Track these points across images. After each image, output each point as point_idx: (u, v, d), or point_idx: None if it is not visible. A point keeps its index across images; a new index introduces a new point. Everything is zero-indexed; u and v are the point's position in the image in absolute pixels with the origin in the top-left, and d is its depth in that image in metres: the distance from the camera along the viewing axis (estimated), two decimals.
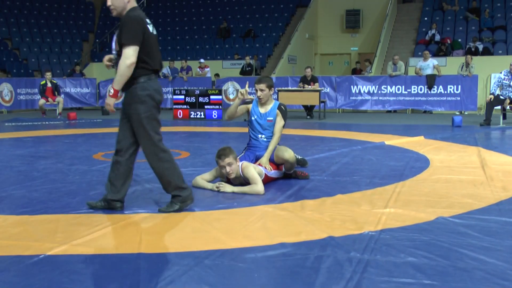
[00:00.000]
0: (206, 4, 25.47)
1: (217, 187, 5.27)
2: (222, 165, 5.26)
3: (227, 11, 24.78)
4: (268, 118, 5.87)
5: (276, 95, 14.93)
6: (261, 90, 5.82)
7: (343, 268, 3.11)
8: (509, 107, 12.20)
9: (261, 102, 5.91)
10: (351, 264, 3.18)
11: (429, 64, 16.20)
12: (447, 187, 5.41)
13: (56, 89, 15.92)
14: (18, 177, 6.12)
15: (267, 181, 5.55)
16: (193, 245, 3.56)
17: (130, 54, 4.10)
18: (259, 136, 5.92)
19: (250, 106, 5.99)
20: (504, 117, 12.45)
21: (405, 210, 4.45)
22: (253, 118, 5.93)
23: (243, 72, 19.09)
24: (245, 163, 5.39)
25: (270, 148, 5.74)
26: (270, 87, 5.86)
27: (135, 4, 4.31)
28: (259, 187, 5.15)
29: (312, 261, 3.24)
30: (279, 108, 5.89)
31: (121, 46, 4.17)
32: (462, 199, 4.84)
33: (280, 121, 5.87)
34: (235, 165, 5.27)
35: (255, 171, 5.28)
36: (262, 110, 5.92)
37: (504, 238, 3.67)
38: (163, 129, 4.64)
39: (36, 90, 17.59)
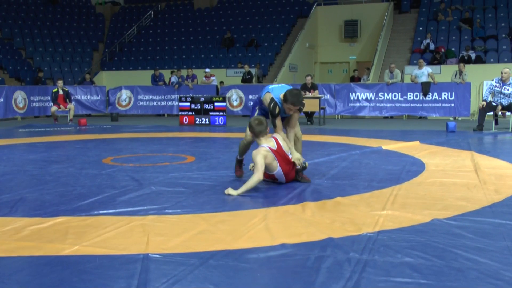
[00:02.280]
0: (210, 15, 25.53)
1: (226, 192, 5.26)
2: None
3: (230, 22, 24.82)
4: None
5: None
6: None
7: (343, 268, 3.10)
8: (501, 113, 12.18)
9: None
10: (350, 264, 3.17)
11: (424, 72, 16.20)
12: (442, 190, 5.39)
13: (67, 97, 15.95)
14: (31, 180, 6.12)
15: (269, 178, 5.62)
16: (199, 246, 3.55)
17: None
18: None
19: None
20: (496, 123, 12.43)
21: (401, 212, 4.43)
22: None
23: (243, 80, 19.10)
24: (256, 150, 5.46)
25: (291, 146, 5.77)
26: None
27: None
28: (256, 176, 5.22)
29: (312, 261, 3.23)
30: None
31: None
32: (456, 202, 4.83)
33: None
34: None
35: (261, 160, 5.33)
36: None
37: (497, 239, 3.65)
38: (170, 134, 4.63)
39: (49, 98, 17.63)
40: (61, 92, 15.80)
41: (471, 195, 5.10)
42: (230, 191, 5.24)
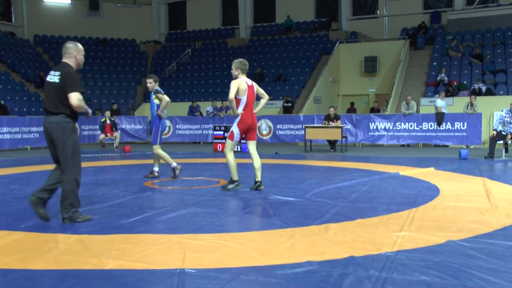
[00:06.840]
0: (242, 53, 25.80)
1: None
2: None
3: (260, 58, 25.03)
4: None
5: (303, 131, 15.03)
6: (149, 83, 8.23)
7: (363, 285, 3.05)
8: (510, 141, 11.95)
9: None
10: (370, 281, 3.11)
11: (444, 103, 16.02)
12: (456, 213, 5.29)
13: (114, 126, 16.21)
14: (81, 201, 6.18)
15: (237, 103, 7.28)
16: (230, 262, 3.54)
17: None
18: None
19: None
20: (506, 151, 12.19)
21: (418, 234, 4.36)
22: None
23: (284, 108, 19.76)
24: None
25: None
26: (156, 81, 8.24)
27: None
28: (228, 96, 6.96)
29: (335, 278, 3.19)
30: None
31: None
32: (469, 225, 4.73)
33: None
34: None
35: (235, 86, 7.15)
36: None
37: (509, 261, 3.56)
38: (205, 160, 4.65)
39: (97, 127, 17.94)
40: (108, 121, 16.08)
41: (483, 219, 4.99)
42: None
